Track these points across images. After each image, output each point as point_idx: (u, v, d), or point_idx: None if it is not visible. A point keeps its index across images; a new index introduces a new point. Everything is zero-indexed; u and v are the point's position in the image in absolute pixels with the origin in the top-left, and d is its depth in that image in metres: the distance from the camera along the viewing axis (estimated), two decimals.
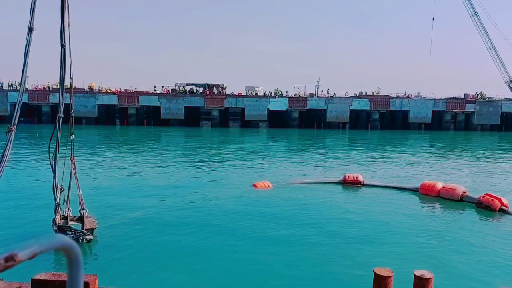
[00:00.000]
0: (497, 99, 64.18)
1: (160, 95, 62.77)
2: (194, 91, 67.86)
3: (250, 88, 69.53)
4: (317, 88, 72.50)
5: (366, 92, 69.20)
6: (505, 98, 66.10)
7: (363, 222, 14.75)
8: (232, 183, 20.85)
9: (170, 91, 65.31)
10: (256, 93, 67.11)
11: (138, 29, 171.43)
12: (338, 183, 21.11)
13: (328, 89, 70.57)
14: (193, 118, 62.43)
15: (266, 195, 18.47)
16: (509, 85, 70.93)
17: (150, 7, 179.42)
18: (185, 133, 52.05)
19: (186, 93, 66.81)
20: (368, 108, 59.87)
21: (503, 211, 16.03)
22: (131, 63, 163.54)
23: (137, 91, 65.03)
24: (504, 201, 16.38)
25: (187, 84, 69.48)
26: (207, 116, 64.17)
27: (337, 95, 66.48)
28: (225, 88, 69.56)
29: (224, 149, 37.22)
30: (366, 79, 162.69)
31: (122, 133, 51.67)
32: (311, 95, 67.96)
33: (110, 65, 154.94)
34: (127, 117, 60.95)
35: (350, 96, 64.80)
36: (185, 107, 59.68)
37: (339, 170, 24.55)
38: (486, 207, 16.38)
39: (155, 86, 68.11)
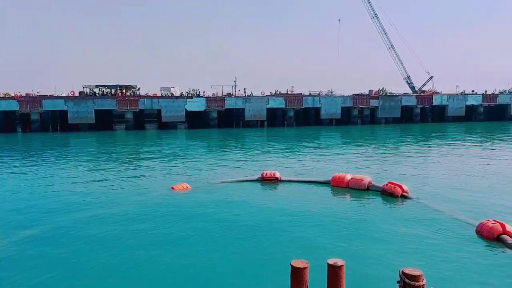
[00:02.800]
0: (397, 94, 70.36)
1: (66, 98, 58.55)
2: (105, 93, 64.45)
3: (165, 88, 67.88)
4: (235, 88, 73.23)
5: (280, 92, 71.53)
6: (404, 93, 72.78)
7: (280, 216, 15.20)
8: (149, 188, 20.16)
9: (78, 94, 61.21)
10: (172, 94, 65.72)
11: (34, 27, 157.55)
12: (256, 180, 21.48)
13: (244, 89, 71.72)
14: (104, 121, 59.20)
15: (184, 197, 18.15)
16: (407, 81, 78.33)
17: (52, 4, 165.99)
18: (97, 138, 49.16)
19: (95, 95, 63.16)
20: (283, 106, 61.85)
21: (404, 197, 17.61)
22: (31, 65, 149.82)
23: (40, 95, 59.93)
24: (405, 187, 18.00)
25: (97, 86, 65.78)
26: (120, 119, 61.29)
27: (254, 94, 67.74)
28: (139, 89, 67.11)
29: (140, 152, 35.82)
30: (280, 78, 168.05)
31: (25, 141, 47.17)
32: (229, 95, 68.39)
33: (5, 67, 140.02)
34: (30, 123, 55.84)
35: (266, 95, 66.41)
36: (95, 110, 56.36)
37: (257, 168, 25.00)
38: (389, 194, 17.86)
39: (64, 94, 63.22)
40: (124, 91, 64.03)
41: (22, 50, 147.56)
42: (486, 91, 71.90)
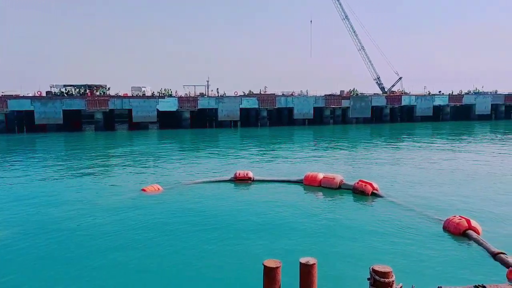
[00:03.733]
0: (368, 94, 71.76)
1: (33, 98, 56.59)
2: (73, 93, 62.69)
3: (136, 88, 66.66)
4: (207, 88, 72.76)
5: (253, 92, 71.62)
6: (374, 94, 74.32)
7: (254, 216, 15.16)
8: (119, 190, 19.67)
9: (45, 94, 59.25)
10: (143, 94, 64.63)
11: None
12: (229, 180, 21.37)
13: (217, 89, 71.36)
14: (73, 122, 57.63)
15: (155, 199, 17.81)
16: (377, 82, 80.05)
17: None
18: (65, 138, 47.72)
19: (63, 95, 61.34)
20: (256, 106, 61.93)
21: (374, 195, 17.93)
22: None
23: (4, 95, 57.65)
24: (375, 185, 18.34)
25: (65, 86, 63.93)
26: (90, 120, 59.78)
27: (227, 94, 67.48)
28: (109, 89, 65.69)
29: (110, 154, 34.98)
30: (253, 78, 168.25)
31: None
32: (202, 95, 67.89)
33: None
34: None
35: (240, 95, 66.31)
36: (64, 110, 54.71)
37: (231, 168, 24.87)
38: (360, 192, 18.15)
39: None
40: (94, 90, 62.58)
41: None
42: (452, 92, 74.43)
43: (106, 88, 65.50)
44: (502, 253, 10.77)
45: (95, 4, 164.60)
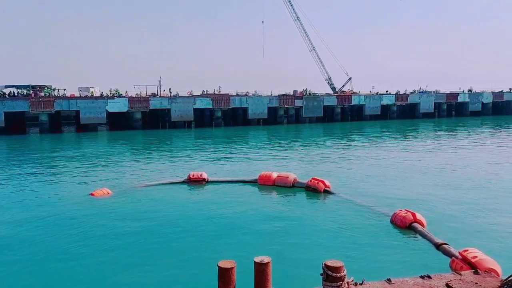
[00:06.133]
0: (320, 94, 73.48)
1: None
2: (16, 94, 59.06)
3: (84, 89, 63.95)
4: (159, 88, 71.21)
5: (208, 91, 71.04)
6: (326, 94, 76.17)
7: (207, 217, 14.95)
8: (65, 195, 18.72)
9: None
10: (92, 94, 62.14)
11: None
12: (182, 182, 20.98)
13: (170, 89, 69.98)
14: (16, 125, 54.24)
15: (104, 203, 17.10)
16: (328, 82, 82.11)
17: None
18: (7, 142, 44.79)
19: (5, 96, 57.63)
20: (211, 106, 61.45)
21: (327, 192, 18.31)
22: None
23: None
24: (327, 182, 18.74)
25: (6, 87, 60.14)
26: (34, 122, 56.59)
27: (180, 95, 66.38)
28: (54, 89, 62.51)
29: (55, 157, 33.21)
30: (208, 79, 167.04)
31: None
32: (153, 95, 66.33)
33: None
34: None
35: (193, 95, 65.48)
36: (5, 112, 51.47)
37: (184, 169, 24.43)
38: (313, 190, 18.47)
39: None
40: (38, 91, 59.33)
41: None
42: (399, 91, 77.93)
43: (51, 89, 62.32)
44: (445, 243, 11.34)
45: (39, 0, 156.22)
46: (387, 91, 78.99)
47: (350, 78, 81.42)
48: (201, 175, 21.15)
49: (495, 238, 12.37)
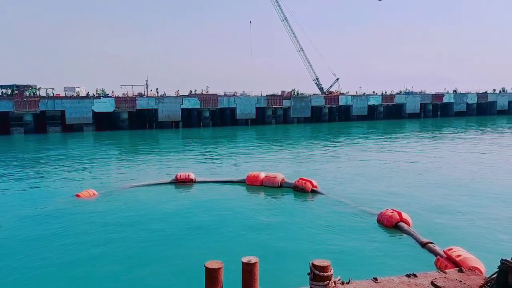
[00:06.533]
0: (307, 95, 73.74)
1: None
2: (0, 94, 57.98)
3: (69, 88, 63.14)
4: (146, 88, 70.69)
5: (196, 91, 70.78)
6: (314, 94, 76.50)
7: (195, 218, 14.90)
8: (50, 196, 18.43)
9: None
10: (77, 94, 61.35)
11: None
12: (170, 183, 20.85)
13: (157, 88, 69.56)
14: (0, 125, 53.19)
15: (90, 204, 16.89)
16: (316, 83, 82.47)
17: None
18: None
19: None
20: (198, 106, 61.19)
21: (314, 192, 18.40)
22: None
23: None
24: (314, 182, 18.83)
25: None
26: (19, 122, 55.59)
27: (167, 94, 65.97)
28: (39, 89, 61.54)
29: (40, 158, 32.68)
30: (196, 79, 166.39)
31: None
32: (140, 95, 65.79)
33: None
34: None
35: (181, 95, 65.12)
36: None
37: (172, 170, 24.27)
38: (301, 190, 18.54)
39: None
40: (23, 91, 58.40)
41: None
42: (385, 92, 78.71)
43: (36, 88, 61.36)
44: (430, 242, 11.49)
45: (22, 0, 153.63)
46: (373, 92, 79.72)
47: (337, 79, 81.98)
48: (188, 175, 21.05)
49: (479, 236, 12.59)
